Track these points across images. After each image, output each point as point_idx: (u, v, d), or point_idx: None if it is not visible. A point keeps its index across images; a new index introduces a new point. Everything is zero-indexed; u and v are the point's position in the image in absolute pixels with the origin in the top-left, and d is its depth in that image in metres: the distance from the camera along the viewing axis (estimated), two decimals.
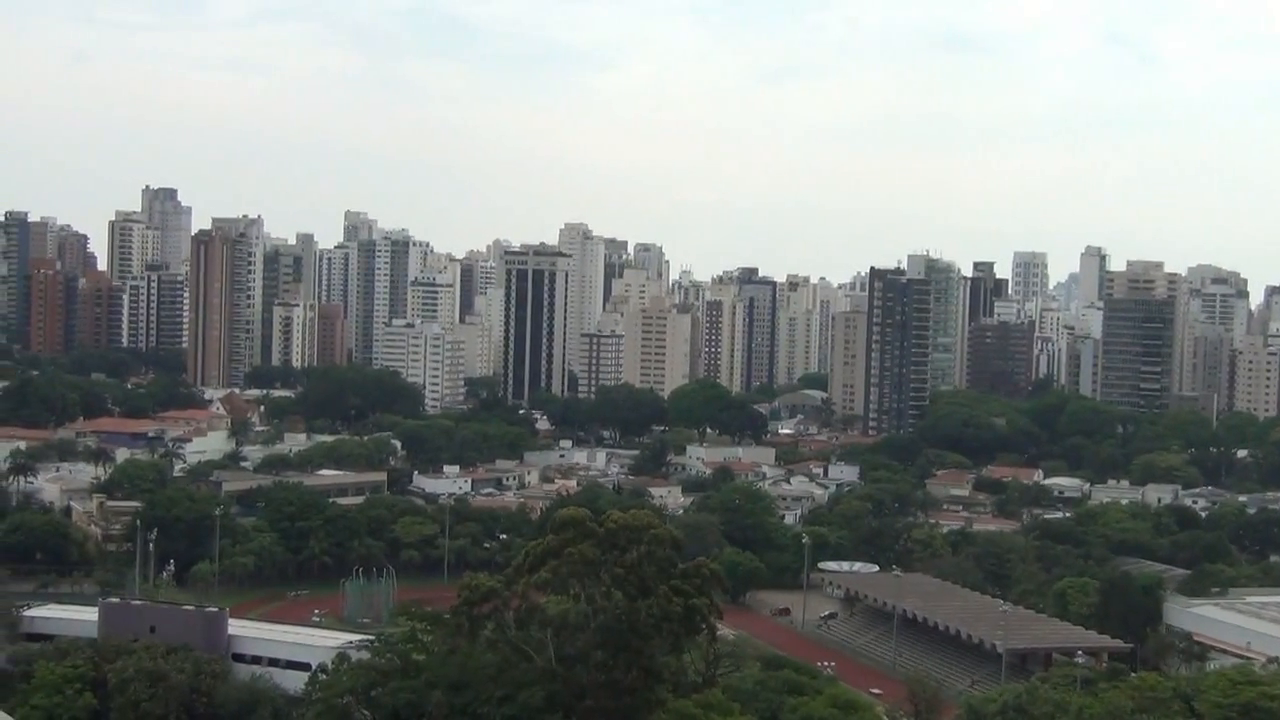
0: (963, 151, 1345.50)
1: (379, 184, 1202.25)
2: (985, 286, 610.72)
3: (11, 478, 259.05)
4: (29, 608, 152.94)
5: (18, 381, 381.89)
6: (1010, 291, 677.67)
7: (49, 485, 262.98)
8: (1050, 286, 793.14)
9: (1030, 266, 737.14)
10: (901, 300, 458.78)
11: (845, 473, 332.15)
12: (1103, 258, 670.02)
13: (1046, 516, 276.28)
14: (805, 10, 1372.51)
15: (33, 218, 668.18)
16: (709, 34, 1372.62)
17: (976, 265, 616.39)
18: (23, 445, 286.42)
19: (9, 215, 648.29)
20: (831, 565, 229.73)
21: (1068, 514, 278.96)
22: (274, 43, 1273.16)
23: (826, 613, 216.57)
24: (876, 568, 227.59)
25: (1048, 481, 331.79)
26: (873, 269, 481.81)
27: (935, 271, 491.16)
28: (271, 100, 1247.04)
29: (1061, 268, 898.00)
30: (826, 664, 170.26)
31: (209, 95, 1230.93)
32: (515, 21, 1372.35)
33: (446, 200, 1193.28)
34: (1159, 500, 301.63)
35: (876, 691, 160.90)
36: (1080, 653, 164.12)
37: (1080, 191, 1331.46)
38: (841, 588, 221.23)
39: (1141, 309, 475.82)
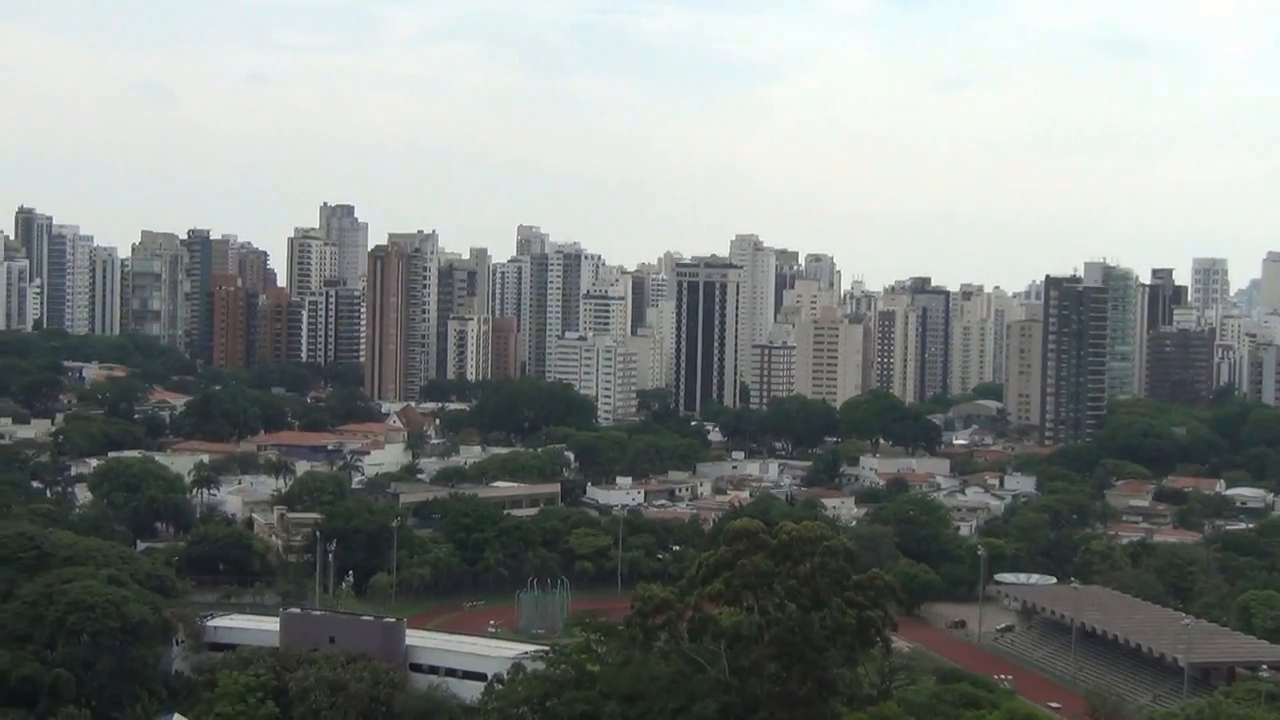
0: (1137, 157, 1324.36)
1: (551, 198, 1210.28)
2: (1164, 294, 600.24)
3: (195, 490, 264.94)
4: (213, 617, 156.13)
5: (201, 396, 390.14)
6: (1190, 299, 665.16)
7: (231, 497, 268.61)
8: (1231, 293, 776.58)
9: (1210, 273, 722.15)
10: (1078, 308, 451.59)
11: (1021, 483, 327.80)
12: None
13: (1229, 528, 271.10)
14: (973, 18, 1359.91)
15: (214, 235, 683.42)
16: (878, 44, 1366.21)
17: (1155, 272, 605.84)
18: (206, 458, 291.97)
19: (192, 233, 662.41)
20: (1008, 577, 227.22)
21: (1251, 525, 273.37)
22: (445, 61, 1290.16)
23: (1003, 625, 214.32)
24: (1054, 580, 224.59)
25: (1230, 492, 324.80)
26: (1048, 277, 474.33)
27: (1112, 279, 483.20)
28: (444, 117, 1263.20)
29: (1243, 274, 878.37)
30: (1003, 677, 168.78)
31: (383, 113, 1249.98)
32: (683, 35, 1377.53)
33: (617, 213, 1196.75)
34: None
35: (1055, 705, 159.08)
36: (1265, 667, 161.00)
37: (1261, 196, 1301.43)
38: (1018, 600, 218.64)
39: None
